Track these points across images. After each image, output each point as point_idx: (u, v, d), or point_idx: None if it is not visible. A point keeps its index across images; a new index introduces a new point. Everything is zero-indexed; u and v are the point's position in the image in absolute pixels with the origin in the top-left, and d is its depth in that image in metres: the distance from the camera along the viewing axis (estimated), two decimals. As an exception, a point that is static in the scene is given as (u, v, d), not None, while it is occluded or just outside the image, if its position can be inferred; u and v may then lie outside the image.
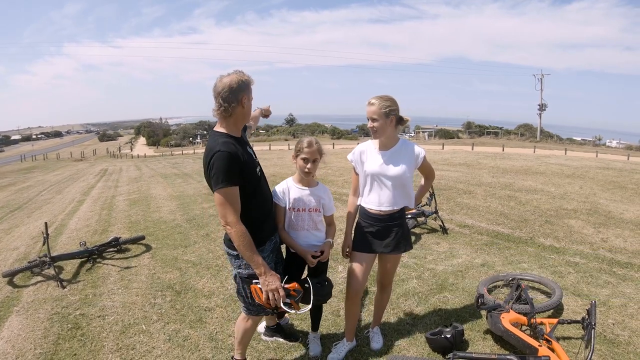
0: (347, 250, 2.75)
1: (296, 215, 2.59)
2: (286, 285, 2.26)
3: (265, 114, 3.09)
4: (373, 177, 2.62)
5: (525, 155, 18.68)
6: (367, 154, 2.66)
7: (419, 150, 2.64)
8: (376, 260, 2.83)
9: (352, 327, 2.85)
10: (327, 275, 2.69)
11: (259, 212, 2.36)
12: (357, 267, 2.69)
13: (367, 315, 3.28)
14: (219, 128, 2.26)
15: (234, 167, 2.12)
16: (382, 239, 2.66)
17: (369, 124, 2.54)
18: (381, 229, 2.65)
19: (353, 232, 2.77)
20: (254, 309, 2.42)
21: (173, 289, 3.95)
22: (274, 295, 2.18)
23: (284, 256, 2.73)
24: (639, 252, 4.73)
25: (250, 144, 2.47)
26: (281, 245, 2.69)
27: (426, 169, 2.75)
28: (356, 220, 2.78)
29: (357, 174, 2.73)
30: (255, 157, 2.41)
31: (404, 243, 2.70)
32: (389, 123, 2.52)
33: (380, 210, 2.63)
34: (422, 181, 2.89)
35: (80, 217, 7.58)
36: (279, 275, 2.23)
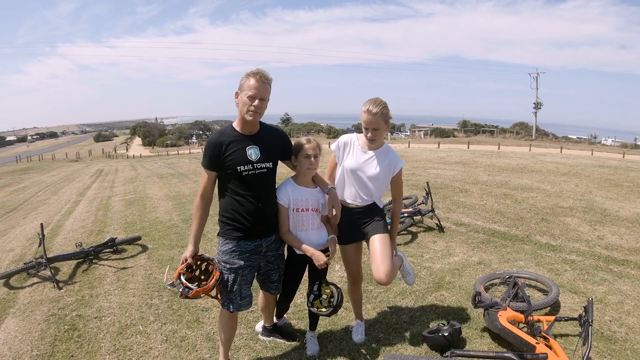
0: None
1: (300, 215, 2.59)
2: (183, 267, 2.42)
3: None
4: (352, 173, 2.69)
5: (521, 153, 18.76)
6: (351, 148, 2.72)
7: (398, 160, 2.72)
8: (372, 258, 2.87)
9: (360, 309, 3.05)
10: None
11: (236, 210, 2.42)
12: (350, 257, 2.87)
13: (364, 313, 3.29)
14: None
15: (207, 153, 2.38)
16: (360, 226, 2.77)
17: (369, 134, 2.57)
18: (358, 218, 2.76)
19: None
20: (224, 299, 2.52)
21: (170, 289, 3.93)
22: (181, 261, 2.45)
23: (285, 260, 2.74)
24: (635, 250, 4.76)
25: (265, 146, 2.45)
26: (281, 252, 2.69)
27: (398, 184, 2.80)
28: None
29: (336, 162, 2.81)
30: (257, 159, 2.39)
31: (381, 227, 2.77)
32: (386, 128, 2.62)
33: (357, 205, 2.74)
34: (393, 205, 2.92)
35: (76, 218, 7.55)
36: (189, 253, 2.43)
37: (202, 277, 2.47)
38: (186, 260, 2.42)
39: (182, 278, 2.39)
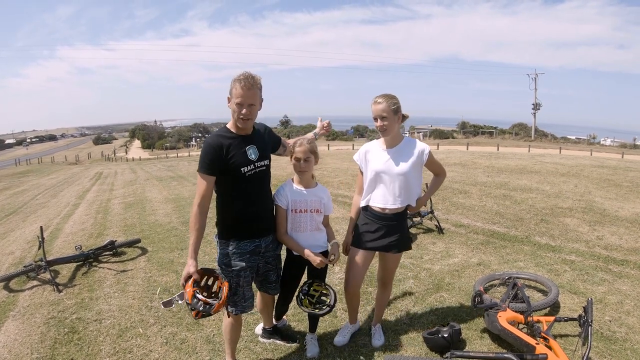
0: (346, 247, 2.81)
1: (298, 216, 2.59)
2: (190, 284, 2.25)
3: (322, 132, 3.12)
4: (378, 175, 2.65)
5: (520, 154, 18.76)
6: (372, 153, 2.71)
7: (423, 146, 2.67)
8: (376, 259, 2.88)
9: (354, 312, 2.98)
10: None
11: (237, 211, 2.41)
12: (357, 262, 2.75)
13: (363, 315, 3.29)
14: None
15: (208, 157, 2.31)
16: (383, 237, 2.70)
17: (378, 123, 2.55)
18: (383, 227, 2.69)
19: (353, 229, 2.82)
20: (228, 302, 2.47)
21: (169, 291, 3.93)
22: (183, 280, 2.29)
23: (283, 260, 2.74)
24: (634, 250, 4.76)
25: (261, 144, 2.47)
26: (278, 252, 2.70)
27: (434, 166, 2.77)
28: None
29: (362, 173, 2.77)
30: (257, 158, 2.42)
31: (403, 242, 2.75)
32: (396, 120, 2.57)
33: (385, 209, 2.67)
34: (432, 179, 2.89)
35: (75, 221, 7.54)
36: (194, 268, 2.26)
37: (206, 292, 2.34)
38: (190, 276, 2.26)
39: (200, 296, 2.25)
